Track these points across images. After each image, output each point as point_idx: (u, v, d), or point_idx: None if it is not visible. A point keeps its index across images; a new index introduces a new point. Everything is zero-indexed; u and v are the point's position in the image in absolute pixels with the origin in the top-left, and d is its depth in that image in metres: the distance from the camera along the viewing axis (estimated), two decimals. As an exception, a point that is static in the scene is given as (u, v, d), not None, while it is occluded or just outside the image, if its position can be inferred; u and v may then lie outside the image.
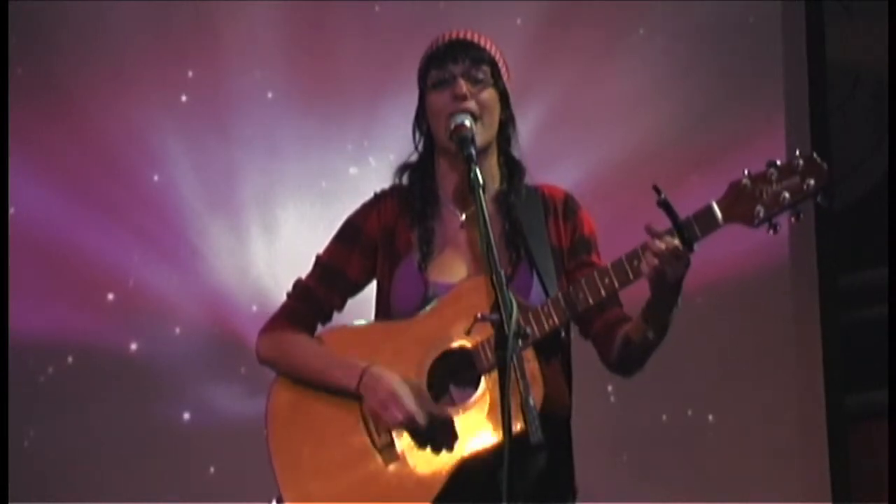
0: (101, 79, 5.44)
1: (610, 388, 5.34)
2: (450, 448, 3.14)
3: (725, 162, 5.04)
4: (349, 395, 3.23)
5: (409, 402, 3.15)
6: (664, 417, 5.39)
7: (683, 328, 5.15)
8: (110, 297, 5.40)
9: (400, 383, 3.18)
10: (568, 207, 3.37)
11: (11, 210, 5.34)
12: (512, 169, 3.37)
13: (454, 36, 3.33)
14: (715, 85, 5.47)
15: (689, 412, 5.40)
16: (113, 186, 5.42)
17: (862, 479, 5.46)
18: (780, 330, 5.44)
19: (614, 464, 5.30)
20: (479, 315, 3.06)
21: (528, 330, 3.05)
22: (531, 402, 2.89)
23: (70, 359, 5.37)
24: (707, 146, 5.29)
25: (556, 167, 3.48)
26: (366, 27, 5.50)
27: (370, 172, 3.49)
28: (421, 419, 3.15)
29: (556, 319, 3.13)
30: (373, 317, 3.38)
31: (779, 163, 3.01)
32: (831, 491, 5.37)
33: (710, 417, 5.40)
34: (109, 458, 5.31)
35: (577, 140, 5.38)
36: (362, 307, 3.45)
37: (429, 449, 3.16)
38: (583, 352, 3.33)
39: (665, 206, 2.99)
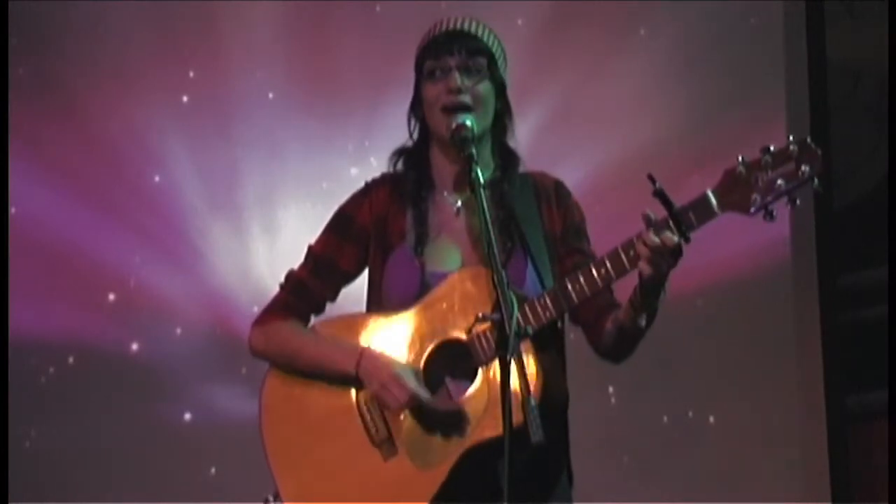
0: (102, 79, 5.45)
1: (611, 389, 5.35)
2: (449, 441, 3.13)
3: (727, 162, 5.01)
4: (344, 387, 3.23)
5: (411, 382, 3.15)
6: (665, 419, 5.39)
7: (684, 329, 5.23)
8: (111, 297, 5.40)
9: (400, 365, 3.18)
10: (560, 194, 3.37)
11: (12, 210, 5.34)
12: (506, 158, 3.37)
13: (452, 26, 3.32)
14: (716, 85, 5.47)
15: (690, 413, 5.40)
16: (114, 187, 5.42)
17: (862, 479, 5.46)
18: (780, 330, 5.43)
19: (615, 465, 5.30)
20: (480, 314, 3.07)
21: (528, 328, 3.05)
22: (532, 401, 2.88)
23: (71, 359, 5.37)
24: (708, 146, 5.29)
25: (557, 167, 3.47)
26: (367, 27, 5.50)
27: (371, 173, 3.47)
28: (424, 396, 3.14)
29: (552, 312, 3.12)
30: (364, 308, 3.37)
31: (773, 149, 2.99)
32: (831, 491, 5.37)
33: (711, 419, 5.40)
34: (110, 458, 5.31)
35: (578, 140, 5.38)
36: (354, 298, 3.45)
37: (428, 443, 3.15)
38: (584, 352, 3.33)
39: (660, 195, 2.98)
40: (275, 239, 5.43)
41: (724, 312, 5.41)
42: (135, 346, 5.40)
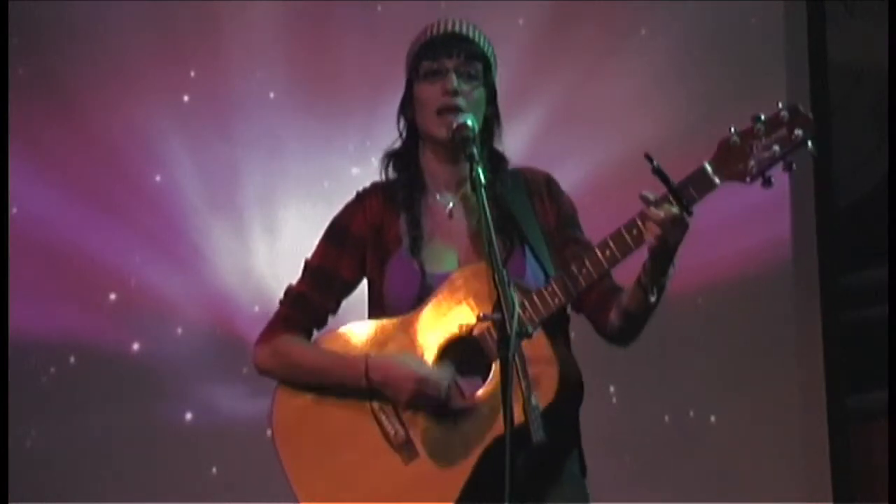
0: (102, 79, 5.44)
1: (612, 388, 5.34)
2: (469, 438, 3.12)
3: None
4: (357, 394, 3.21)
5: (433, 375, 3.14)
6: (666, 418, 5.39)
7: (685, 329, 5.22)
8: (112, 297, 5.40)
9: (406, 363, 3.18)
10: (551, 188, 3.38)
11: (13, 210, 5.34)
12: (494, 161, 3.36)
13: (451, 28, 3.31)
14: (717, 85, 5.47)
15: (691, 413, 5.40)
16: (115, 186, 5.42)
17: (862, 479, 5.46)
18: (781, 330, 5.44)
19: (616, 465, 5.29)
20: (481, 315, 3.06)
21: (530, 328, 3.03)
22: (534, 401, 2.87)
23: (72, 359, 5.37)
24: (709, 146, 5.24)
25: (557, 167, 3.48)
26: (367, 27, 5.50)
27: (372, 173, 3.47)
28: (450, 377, 3.14)
29: (561, 298, 3.13)
30: (366, 317, 3.35)
31: (763, 117, 3.01)
32: (832, 491, 5.38)
33: (713, 418, 5.40)
34: (111, 458, 5.31)
35: (578, 140, 5.38)
36: (353, 308, 3.44)
37: (448, 441, 3.14)
38: (584, 352, 3.32)
39: (659, 173, 3.00)
40: (275, 239, 5.43)
41: (725, 312, 5.40)
42: (136, 346, 5.39)
